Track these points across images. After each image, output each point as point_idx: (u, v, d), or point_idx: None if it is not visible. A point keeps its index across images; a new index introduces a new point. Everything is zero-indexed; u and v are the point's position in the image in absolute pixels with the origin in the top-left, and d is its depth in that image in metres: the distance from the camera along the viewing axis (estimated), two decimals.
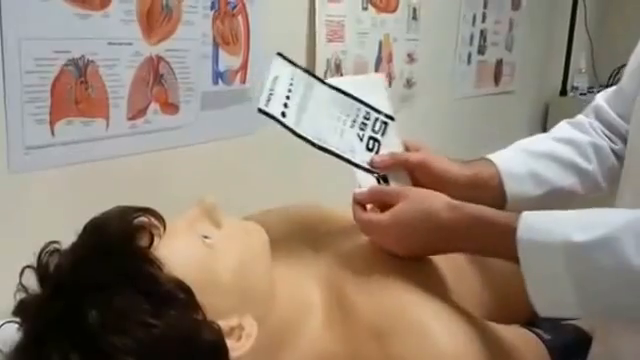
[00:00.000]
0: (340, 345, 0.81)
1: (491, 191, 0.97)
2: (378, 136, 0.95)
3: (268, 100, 0.87)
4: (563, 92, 2.72)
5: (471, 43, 2.17)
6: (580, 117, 1.08)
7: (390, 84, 1.80)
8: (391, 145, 0.96)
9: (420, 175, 0.94)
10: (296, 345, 0.81)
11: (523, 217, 0.73)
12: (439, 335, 0.77)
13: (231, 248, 0.76)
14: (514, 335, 0.87)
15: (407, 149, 0.97)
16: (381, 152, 0.94)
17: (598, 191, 1.04)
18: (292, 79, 0.90)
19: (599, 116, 1.05)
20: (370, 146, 0.94)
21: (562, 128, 1.08)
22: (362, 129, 0.94)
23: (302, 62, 1.48)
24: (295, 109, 0.89)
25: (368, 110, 0.95)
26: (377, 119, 0.95)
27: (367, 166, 0.93)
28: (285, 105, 0.88)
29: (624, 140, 1.00)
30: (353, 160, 0.92)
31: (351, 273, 0.86)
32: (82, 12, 1.01)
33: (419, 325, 0.78)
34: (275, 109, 0.87)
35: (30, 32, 0.95)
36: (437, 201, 0.82)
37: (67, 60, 1.00)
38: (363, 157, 0.93)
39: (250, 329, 0.73)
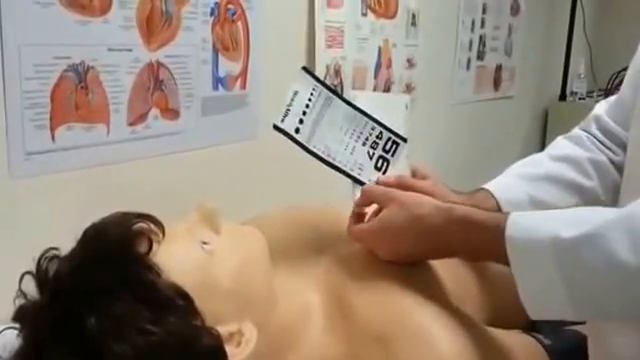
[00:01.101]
0: (341, 350, 0.81)
1: None
2: (388, 156, 0.96)
3: (285, 116, 0.87)
4: (562, 97, 2.73)
5: (470, 48, 2.18)
6: (577, 131, 1.08)
7: (389, 89, 1.80)
8: (399, 166, 0.96)
9: None
10: (296, 350, 0.81)
11: (511, 216, 0.72)
12: (439, 339, 0.77)
13: (230, 254, 0.76)
14: (514, 340, 0.87)
15: (414, 175, 0.98)
16: (389, 172, 0.95)
17: (600, 205, 1.03)
18: (312, 94, 0.90)
19: (600, 126, 1.04)
20: (379, 165, 0.95)
21: (559, 145, 1.07)
22: (373, 147, 0.95)
23: None
24: (310, 123, 0.89)
25: (381, 129, 0.95)
26: (389, 139, 0.96)
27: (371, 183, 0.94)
28: (300, 121, 0.88)
29: (625, 149, 1.00)
30: (359, 178, 0.93)
31: (351, 277, 0.87)
32: (82, 18, 1.01)
33: (419, 329, 0.78)
34: (290, 125, 0.88)
35: (30, 38, 0.95)
36: (425, 205, 0.81)
37: (67, 66, 1.01)
38: (370, 176, 0.94)
39: (250, 335, 0.73)
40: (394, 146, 0.96)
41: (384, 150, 0.96)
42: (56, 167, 1.02)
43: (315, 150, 0.89)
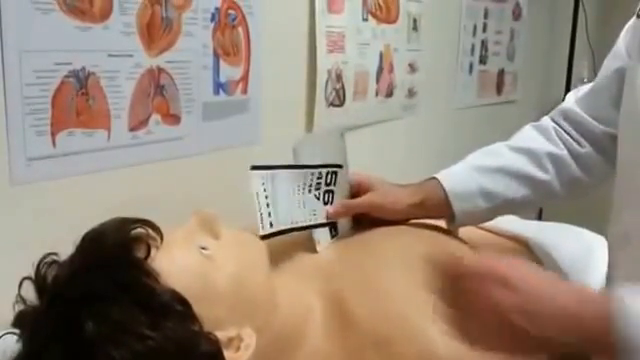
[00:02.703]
0: (341, 354, 0.81)
1: (438, 211, 1.02)
2: (332, 187, 1.01)
3: (262, 221, 0.91)
4: None
5: (472, 53, 2.18)
6: (545, 120, 1.09)
7: (392, 94, 1.80)
8: (342, 190, 1.03)
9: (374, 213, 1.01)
10: (296, 355, 0.82)
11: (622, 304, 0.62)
12: (438, 342, 0.77)
13: (229, 259, 0.76)
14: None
15: (360, 188, 1.03)
16: (335, 200, 1.01)
17: (555, 199, 1.05)
18: (263, 184, 0.93)
19: (568, 117, 1.05)
20: (326, 199, 1.01)
21: (523, 135, 1.09)
22: (317, 188, 1.00)
23: (303, 73, 1.50)
24: (273, 209, 0.93)
25: (319, 170, 1.00)
26: (328, 172, 1.01)
27: (325, 220, 1.00)
28: (269, 214, 0.92)
29: (592, 142, 1.02)
30: (317, 223, 0.98)
31: (351, 282, 0.87)
32: (82, 25, 1.02)
33: (418, 332, 0.78)
34: (268, 225, 0.91)
35: (31, 44, 0.95)
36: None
37: (68, 72, 1.01)
38: (322, 213, 1.00)
39: (249, 340, 0.73)
40: (334, 176, 1.01)
41: (327, 184, 1.01)
42: (57, 173, 1.02)
43: (284, 227, 0.93)
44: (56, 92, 1.00)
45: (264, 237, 0.89)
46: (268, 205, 0.92)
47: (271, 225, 0.91)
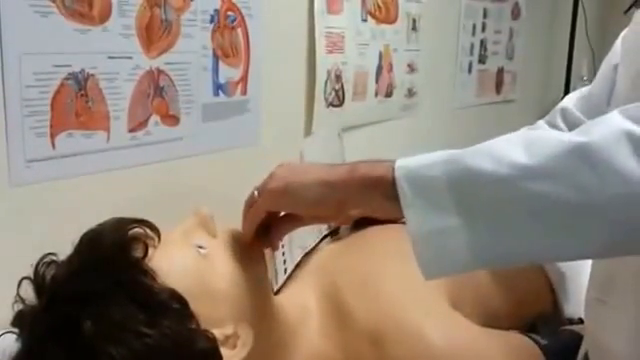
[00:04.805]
0: (337, 351, 0.82)
1: None
2: None
3: (276, 280, 0.94)
4: None
5: (471, 52, 2.18)
6: (541, 123, 1.09)
7: (391, 94, 1.81)
8: None
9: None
10: (293, 352, 0.82)
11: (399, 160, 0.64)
12: (434, 338, 0.77)
13: (226, 257, 0.77)
14: (509, 339, 0.87)
15: None
16: None
17: None
18: (283, 247, 0.95)
19: (565, 118, 1.06)
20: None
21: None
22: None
23: (302, 74, 1.51)
24: (288, 256, 0.96)
25: None
26: None
27: (327, 231, 1.04)
28: (285, 270, 0.95)
29: None
30: (321, 237, 1.03)
31: (347, 279, 0.87)
32: (81, 27, 1.02)
33: (414, 328, 0.78)
34: (283, 277, 0.94)
35: (30, 47, 0.96)
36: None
37: (67, 74, 1.01)
38: (325, 225, 1.04)
39: (245, 337, 0.74)
40: None
41: None
42: (56, 174, 1.02)
43: (298, 261, 0.97)
44: (55, 94, 1.00)
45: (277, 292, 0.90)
46: (285, 262, 0.94)
47: (285, 271, 0.93)
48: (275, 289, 0.88)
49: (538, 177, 0.57)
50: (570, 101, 1.07)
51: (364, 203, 0.67)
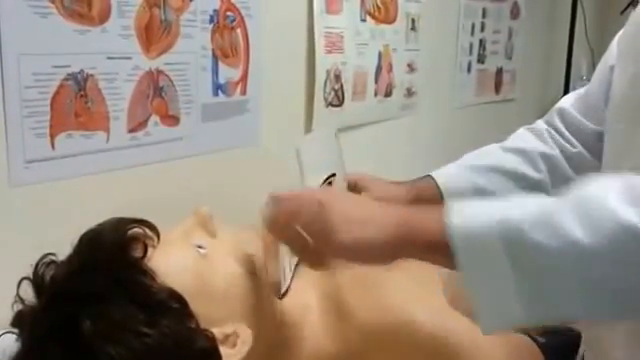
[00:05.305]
0: (337, 347, 0.82)
1: None
2: None
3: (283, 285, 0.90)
4: None
5: (471, 52, 2.19)
6: (539, 123, 1.10)
7: (390, 93, 1.81)
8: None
9: None
10: (293, 350, 0.83)
11: (451, 205, 0.65)
12: (432, 334, 0.78)
13: (225, 257, 0.77)
14: (509, 337, 0.87)
15: (354, 187, 1.01)
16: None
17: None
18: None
19: (563, 119, 1.06)
20: None
21: (517, 136, 1.11)
22: None
23: (301, 74, 1.51)
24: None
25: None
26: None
27: None
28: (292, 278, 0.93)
29: (584, 143, 1.02)
30: None
31: (348, 278, 0.88)
32: (81, 27, 1.03)
33: (413, 324, 0.79)
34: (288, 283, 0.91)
35: (29, 48, 0.96)
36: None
37: (66, 75, 1.02)
38: None
39: (245, 336, 0.74)
40: (329, 186, 1.01)
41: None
42: (56, 175, 1.03)
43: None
44: (55, 95, 1.00)
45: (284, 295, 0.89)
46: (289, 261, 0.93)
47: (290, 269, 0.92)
48: (283, 289, 0.88)
49: (598, 258, 0.58)
50: (568, 101, 1.08)
51: (417, 258, 0.68)
